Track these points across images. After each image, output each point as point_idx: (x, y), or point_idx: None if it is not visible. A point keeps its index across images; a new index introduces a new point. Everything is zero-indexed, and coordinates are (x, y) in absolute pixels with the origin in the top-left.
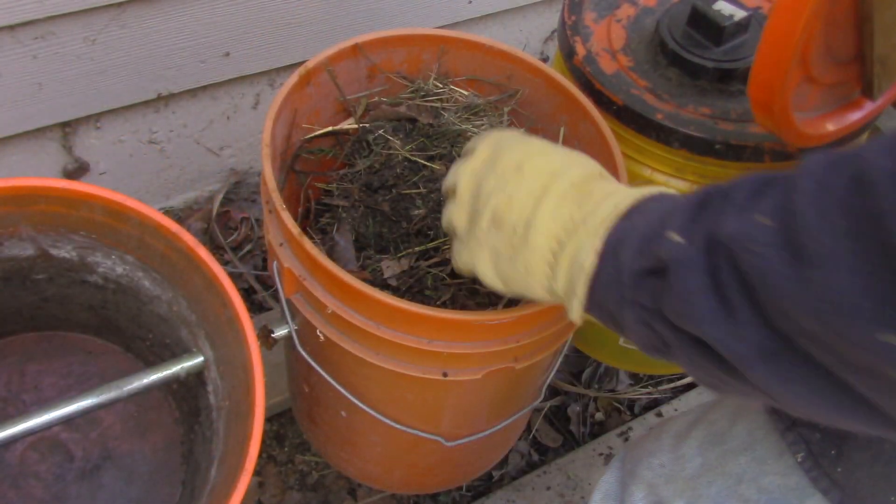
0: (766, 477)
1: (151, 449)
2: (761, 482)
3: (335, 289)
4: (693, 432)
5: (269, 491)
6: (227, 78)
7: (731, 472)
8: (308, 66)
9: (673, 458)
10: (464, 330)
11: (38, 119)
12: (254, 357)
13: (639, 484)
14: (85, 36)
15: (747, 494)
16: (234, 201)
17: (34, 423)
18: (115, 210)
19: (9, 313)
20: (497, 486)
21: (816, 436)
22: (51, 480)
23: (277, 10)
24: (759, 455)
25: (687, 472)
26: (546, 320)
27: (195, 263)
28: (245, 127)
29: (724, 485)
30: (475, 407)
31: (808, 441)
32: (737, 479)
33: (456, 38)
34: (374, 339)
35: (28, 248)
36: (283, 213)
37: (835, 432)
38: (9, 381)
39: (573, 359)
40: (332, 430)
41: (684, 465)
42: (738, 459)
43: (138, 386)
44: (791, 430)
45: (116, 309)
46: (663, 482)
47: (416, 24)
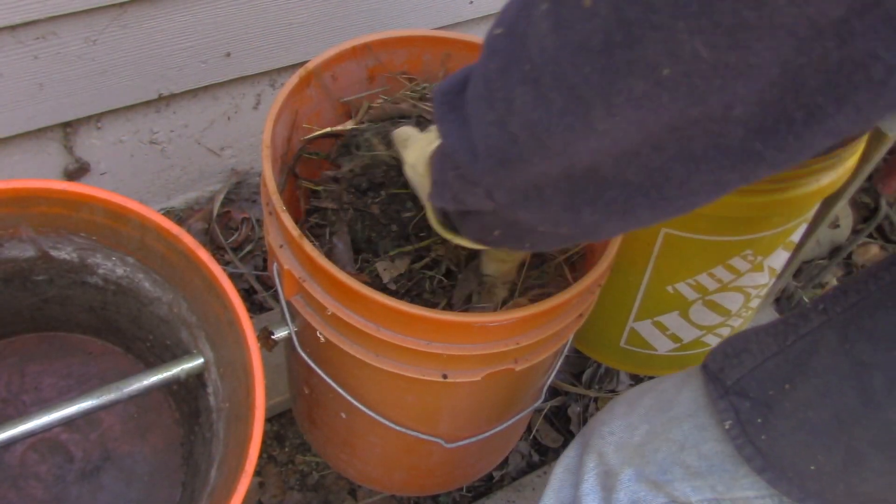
0: (706, 444)
1: (151, 450)
2: (702, 449)
3: (335, 290)
4: (643, 400)
5: (270, 491)
6: (228, 78)
7: (675, 439)
8: (309, 67)
9: (623, 426)
10: (463, 331)
11: (39, 119)
12: (254, 359)
13: (591, 454)
14: (86, 36)
15: (689, 461)
16: (235, 202)
17: (34, 425)
18: (115, 212)
19: (9, 314)
20: (497, 487)
21: (746, 404)
22: (51, 481)
23: (279, 11)
24: (700, 422)
25: (635, 439)
26: (546, 321)
27: (195, 265)
28: (246, 127)
29: (668, 451)
30: (475, 409)
31: (738, 409)
32: (680, 446)
33: (457, 40)
34: (373, 340)
35: (28, 249)
36: (284, 215)
37: (763, 401)
38: (9, 382)
39: (574, 359)
40: (332, 432)
41: (633, 433)
42: (681, 426)
43: (138, 387)
44: (723, 399)
45: (117, 310)
46: (613, 450)
47: (417, 24)
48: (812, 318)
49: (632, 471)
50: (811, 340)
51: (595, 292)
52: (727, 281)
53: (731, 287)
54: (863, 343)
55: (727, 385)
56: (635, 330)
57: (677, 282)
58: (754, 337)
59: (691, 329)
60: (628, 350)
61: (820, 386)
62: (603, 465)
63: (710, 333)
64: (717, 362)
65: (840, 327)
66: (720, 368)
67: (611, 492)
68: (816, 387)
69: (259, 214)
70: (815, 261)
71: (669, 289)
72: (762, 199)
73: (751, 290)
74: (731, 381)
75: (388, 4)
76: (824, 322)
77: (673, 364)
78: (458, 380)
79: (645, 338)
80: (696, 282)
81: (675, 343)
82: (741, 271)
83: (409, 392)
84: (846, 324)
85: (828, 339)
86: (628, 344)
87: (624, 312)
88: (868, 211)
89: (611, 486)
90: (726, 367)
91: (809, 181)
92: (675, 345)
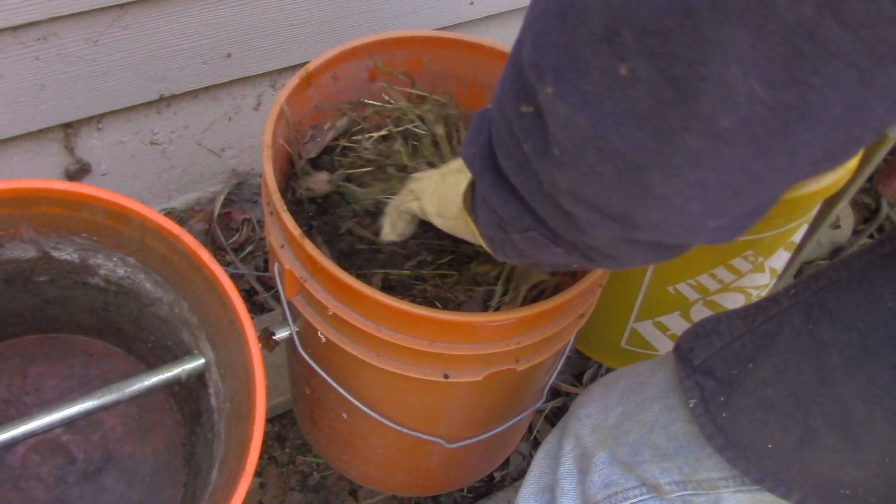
0: (674, 424)
1: (153, 451)
2: (670, 430)
3: (336, 290)
4: (619, 383)
5: (271, 492)
6: (228, 79)
7: (646, 420)
8: (309, 68)
9: (599, 409)
10: (465, 331)
11: (40, 120)
12: (255, 359)
13: (569, 437)
14: (87, 37)
15: (658, 442)
16: (236, 202)
17: (36, 426)
18: (116, 212)
19: (10, 315)
20: (498, 488)
21: (711, 383)
22: (52, 482)
23: (279, 12)
24: (670, 403)
25: (609, 421)
26: (547, 322)
27: (196, 265)
28: (247, 128)
29: (639, 433)
30: (476, 409)
31: (703, 388)
32: (650, 427)
33: (458, 40)
34: (375, 340)
35: (30, 249)
36: (285, 215)
37: (727, 380)
38: (10, 383)
39: (574, 360)
40: (334, 433)
41: (608, 415)
42: (652, 407)
43: (140, 388)
44: (689, 378)
45: (118, 311)
46: (588, 432)
47: (417, 25)
48: (781, 301)
49: (606, 453)
50: (777, 321)
51: (596, 292)
52: (728, 281)
53: (732, 288)
54: (824, 322)
55: (695, 364)
56: (636, 330)
57: (678, 282)
58: (725, 319)
59: None
60: (629, 350)
61: (780, 364)
62: (580, 448)
63: None
64: (688, 342)
65: (805, 308)
66: (690, 349)
67: (586, 474)
68: (777, 365)
69: (260, 215)
70: (815, 261)
71: (670, 289)
72: None
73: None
74: (698, 361)
75: (388, 5)
76: (792, 304)
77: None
78: (460, 380)
79: (646, 338)
80: (698, 282)
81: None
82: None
83: (410, 392)
84: (811, 305)
85: (792, 320)
86: (629, 344)
87: (625, 313)
88: (869, 212)
89: (586, 469)
90: (696, 347)
91: (810, 182)
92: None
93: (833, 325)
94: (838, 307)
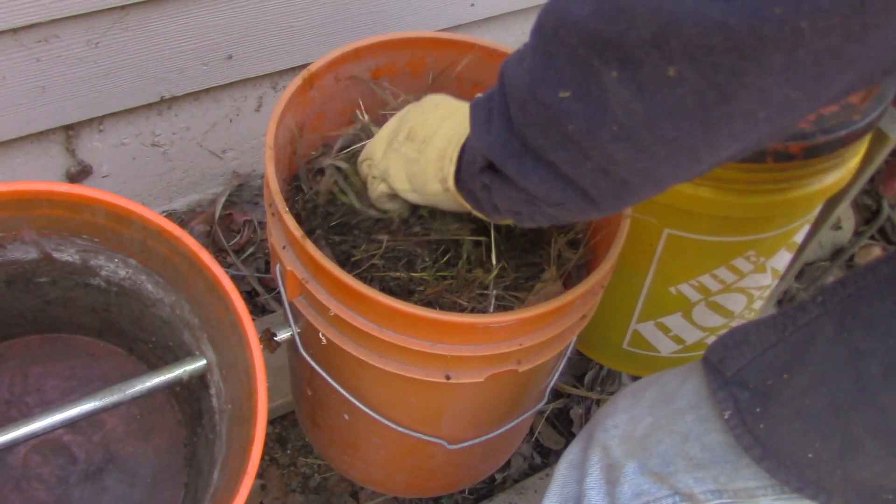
0: (708, 435)
1: (154, 452)
2: (705, 440)
3: (338, 291)
4: (646, 393)
5: (272, 493)
6: (229, 81)
7: (678, 431)
8: (311, 69)
9: (626, 419)
10: (467, 332)
11: (42, 122)
12: (256, 360)
13: (595, 448)
14: (88, 39)
15: (692, 452)
16: (237, 204)
17: (37, 426)
18: (117, 214)
19: (12, 316)
20: (499, 489)
21: (745, 394)
22: (54, 483)
23: (280, 13)
24: (703, 413)
25: (638, 431)
26: (549, 323)
27: (198, 267)
28: (248, 130)
29: (671, 443)
30: (478, 410)
31: (737, 399)
32: (683, 438)
33: (460, 42)
34: (376, 341)
35: (31, 251)
36: (286, 217)
37: (762, 391)
38: (12, 384)
39: (576, 361)
40: (335, 434)
41: (636, 426)
42: (684, 418)
43: (141, 389)
44: (722, 389)
45: (119, 312)
46: (617, 443)
47: (418, 26)
48: (810, 310)
49: (635, 463)
50: (809, 331)
51: (598, 294)
52: (730, 282)
53: (733, 288)
54: (859, 331)
55: (727, 376)
56: (638, 331)
57: (680, 283)
58: (754, 329)
59: (694, 330)
60: (631, 352)
61: (817, 374)
62: (607, 459)
63: (713, 335)
64: (718, 354)
65: (837, 317)
66: (720, 360)
67: (615, 485)
68: (813, 375)
69: (261, 217)
70: (817, 262)
71: (672, 290)
72: (765, 199)
73: (753, 292)
74: (730, 372)
75: (389, 7)
76: (822, 313)
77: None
78: (462, 381)
79: (648, 339)
80: (699, 283)
81: (678, 345)
82: (744, 272)
83: (412, 393)
84: (843, 313)
85: (825, 329)
86: (631, 346)
87: (626, 314)
88: (870, 213)
89: (615, 479)
90: (726, 359)
91: (812, 182)
92: (677, 346)
93: (869, 334)
94: (871, 315)
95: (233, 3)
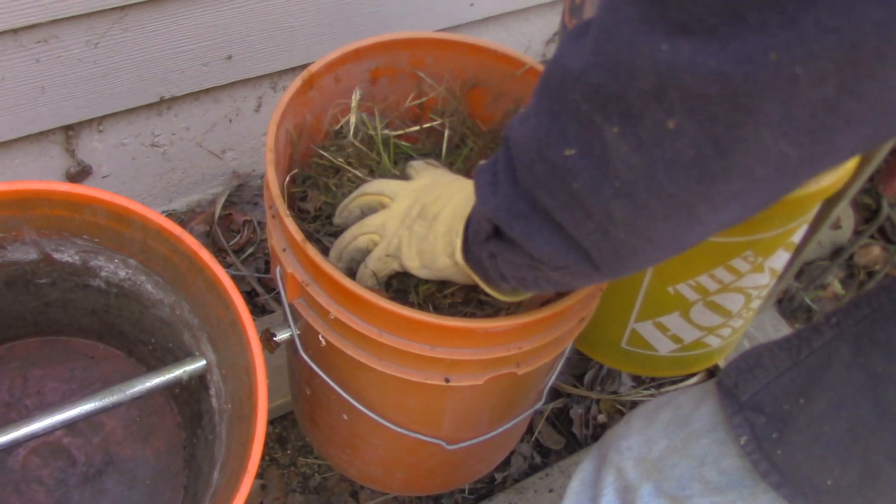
0: (726, 459)
1: (154, 453)
2: (722, 464)
3: (338, 295)
4: (660, 415)
5: (272, 494)
6: (229, 81)
7: (695, 454)
8: (311, 69)
9: (641, 441)
10: (467, 337)
11: (41, 122)
12: (256, 360)
13: (609, 468)
14: (87, 39)
15: (709, 476)
16: (237, 204)
17: (37, 428)
18: (118, 213)
19: (12, 318)
20: (499, 489)
21: (761, 419)
22: (53, 485)
23: (279, 13)
24: (719, 437)
25: (653, 454)
26: (549, 326)
27: (198, 267)
28: (247, 130)
29: (687, 466)
30: (477, 411)
31: (753, 424)
32: (699, 461)
33: (460, 42)
34: (376, 344)
35: (31, 252)
36: (287, 220)
37: (779, 416)
38: (11, 386)
39: (575, 361)
40: (334, 433)
41: (651, 448)
42: (700, 441)
43: (141, 390)
44: (738, 414)
45: (119, 313)
46: (631, 465)
47: (417, 27)
48: (825, 332)
49: (651, 485)
50: (825, 354)
51: (597, 297)
52: (728, 282)
53: (731, 288)
54: (877, 355)
55: (742, 400)
56: (636, 331)
57: (678, 283)
58: (767, 352)
59: (692, 330)
60: (630, 351)
61: (834, 399)
62: (622, 480)
63: (711, 334)
64: (732, 377)
65: (853, 340)
66: (735, 384)
67: None
68: (831, 400)
69: (261, 217)
70: (816, 262)
71: (670, 290)
72: None
73: (752, 291)
74: (745, 397)
75: (388, 7)
76: (837, 335)
77: (674, 365)
78: (461, 384)
79: (646, 339)
80: (697, 283)
81: (676, 344)
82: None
83: (411, 395)
84: (859, 336)
85: (841, 352)
86: (629, 345)
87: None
88: (869, 212)
89: (630, 501)
90: (740, 383)
91: (810, 182)
92: (676, 345)
93: (886, 359)
94: (889, 339)
95: (232, 3)
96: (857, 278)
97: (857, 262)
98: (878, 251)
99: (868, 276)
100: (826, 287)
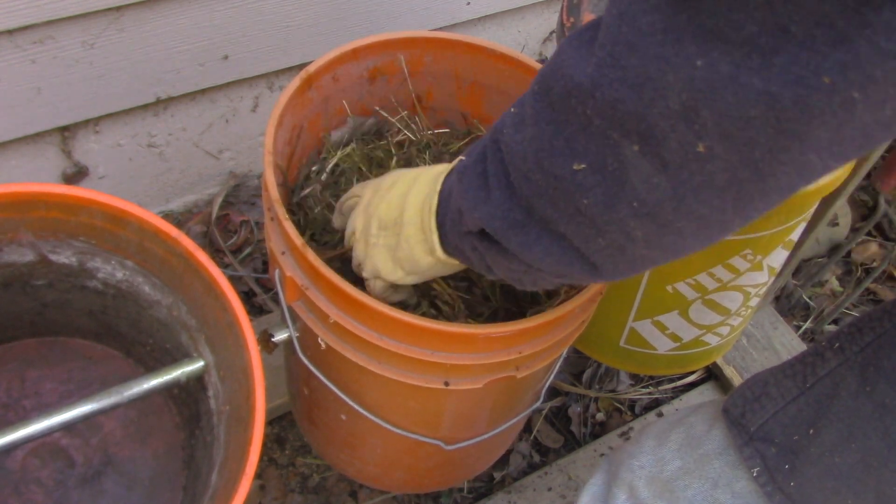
0: (739, 482)
1: (152, 454)
2: (735, 487)
3: (338, 299)
4: (672, 435)
5: (271, 494)
6: (225, 81)
7: (708, 476)
8: (310, 69)
9: (653, 461)
10: (466, 342)
11: (37, 123)
12: (254, 361)
13: (621, 486)
14: (83, 40)
15: (722, 499)
16: (234, 204)
17: (35, 429)
18: (114, 215)
19: (9, 319)
20: (498, 487)
21: (772, 450)
22: (52, 486)
23: (276, 13)
24: (731, 460)
25: (666, 474)
26: (548, 331)
27: (195, 268)
28: (244, 130)
29: (700, 488)
30: (475, 413)
31: (764, 456)
32: (713, 483)
33: (458, 42)
34: (375, 348)
35: (28, 253)
36: (286, 223)
37: (789, 447)
38: (9, 387)
39: (574, 359)
40: (332, 433)
41: (663, 468)
42: (713, 463)
43: (139, 391)
44: (748, 445)
45: (116, 314)
46: (643, 484)
47: (414, 25)
48: (829, 358)
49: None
50: (831, 383)
51: (597, 300)
52: (726, 280)
53: (730, 286)
54: (883, 385)
55: (751, 431)
56: (635, 329)
57: (677, 281)
58: (773, 379)
59: (691, 328)
60: (628, 349)
61: (844, 430)
62: (633, 499)
63: (710, 332)
64: (738, 407)
65: (859, 368)
66: (741, 413)
67: None
68: (841, 431)
69: (258, 217)
70: (814, 259)
71: (669, 288)
72: None
73: (750, 289)
74: (754, 427)
75: (385, 6)
76: (842, 362)
77: (673, 363)
78: (460, 387)
79: (645, 337)
80: (696, 281)
81: (674, 342)
82: (740, 270)
83: (410, 397)
84: (865, 365)
85: (847, 382)
86: (628, 343)
87: (624, 312)
88: (867, 209)
89: None
90: (748, 413)
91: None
92: (674, 344)
93: (892, 388)
94: (894, 368)
95: (229, 3)
96: (855, 275)
97: (854, 258)
98: (875, 248)
99: (865, 273)
100: (824, 284)
